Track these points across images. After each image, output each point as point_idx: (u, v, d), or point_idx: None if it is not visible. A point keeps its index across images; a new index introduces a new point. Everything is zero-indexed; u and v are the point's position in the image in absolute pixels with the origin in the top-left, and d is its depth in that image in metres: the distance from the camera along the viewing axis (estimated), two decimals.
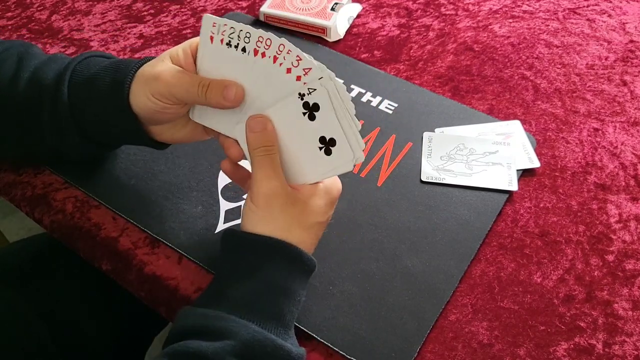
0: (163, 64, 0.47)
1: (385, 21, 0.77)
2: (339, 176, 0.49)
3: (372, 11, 0.79)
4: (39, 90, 0.51)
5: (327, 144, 0.46)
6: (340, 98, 0.44)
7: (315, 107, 0.45)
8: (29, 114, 0.52)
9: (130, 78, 0.48)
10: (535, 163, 0.60)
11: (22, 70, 0.52)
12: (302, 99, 0.45)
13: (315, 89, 0.44)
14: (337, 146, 0.45)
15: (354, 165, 0.46)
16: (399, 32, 0.76)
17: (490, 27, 0.76)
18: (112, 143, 0.55)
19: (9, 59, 0.54)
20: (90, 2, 0.81)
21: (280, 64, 0.45)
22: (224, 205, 0.56)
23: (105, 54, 0.55)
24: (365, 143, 0.62)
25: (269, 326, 0.43)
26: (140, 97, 0.47)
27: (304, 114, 0.45)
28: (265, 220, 0.45)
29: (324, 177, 0.47)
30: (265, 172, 0.45)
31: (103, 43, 0.74)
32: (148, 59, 0.50)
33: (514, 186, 0.58)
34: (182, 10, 0.80)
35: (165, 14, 0.79)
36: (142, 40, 0.75)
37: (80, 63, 0.52)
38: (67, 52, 0.73)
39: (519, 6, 0.79)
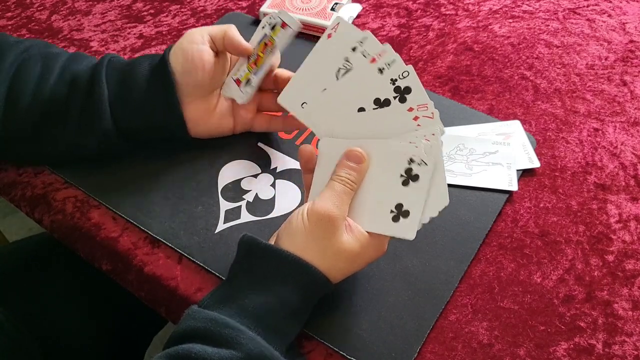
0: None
1: (385, 21, 0.77)
2: None
3: (372, 11, 0.79)
4: (72, 82, 0.54)
5: (400, 214, 0.45)
6: (440, 176, 0.44)
7: (415, 178, 0.44)
8: (57, 109, 0.53)
9: (168, 51, 0.54)
10: (535, 163, 0.60)
11: (51, 67, 0.54)
12: (409, 164, 0.44)
13: (426, 164, 0.43)
14: (408, 219, 0.44)
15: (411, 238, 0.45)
16: (399, 32, 0.76)
17: (490, 27, 0.76)
18: (142, 130, 0.56)
19: (32, 58, 0.55)
20: (90, 2, 0.81)
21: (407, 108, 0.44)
22: (224, 205, 0.56)
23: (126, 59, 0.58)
24: None
25: (275, 344, 0.42)
26: (178, 52, 0.53)
27: (401, 176, 0.45)
28: (305, 239, 0.44)
29: (377, 232, 0.46)
30: (336, 199, 0.44)
31: (103, 43, 0.75)
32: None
33: (514, 186, 0.58)
34: (182, 10, 0.80)
35: (165, 14, 0.79)
36: (142, 40, 0.75)
37: (113, 57, 0.56)
38: None
39: (519, 6, 0.79)
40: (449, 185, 0.58)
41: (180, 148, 0.60)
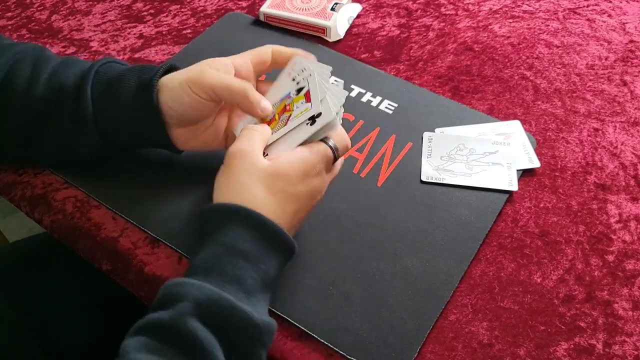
0: (202, 66, 0.50)
1: (385, 21, 0.77)
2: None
3: (372, 11, 0.79)
4: (59, 90, 0.52)
5: (315, 117, 0.47)
6: (326, 79, 0.49)
7: (303, 89, 0.49)
8: (45, 114, 0.52)
9: (158, 77, 0.50)
10: (535, 163, 0.60)
11: (40, 72, 0.53)
12: (297, 84, 0.51)
13: (309, 73, 0.50)
14: (322, 115, 0.47)
15: (335, 119, 0.47)
16: (399, 32, 0.76)
17: (490, 27, 0.76)
18: (129, 143, 0.55)
19: (23, 61, 0.54)
20: (90, 2, 0.81)
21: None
22: None
23: (121, 61, 0.56)
24: (366, 143, 0.62)
25: (227, 288, 0.41)
26: (175, 92, 0.49)
27: (297, 92, 0.50)
28: (227, 182, 0.46)
29: (302, 139, 0.47)
30: (243, 138, 0.47)
31: (103, 43, 0.74)
32: (171, 65, 0.53)
33: (514, 186, 0.58)
34: (182, 10, 0.80)
35: (165, 14, 0.79)
36: (142, 40, 0.75)
37: (102, 66, 0.53)
38: (67, 53, 0.73)
39: (519, 6, 0.79)
40: (450, 186, 0.58)
41: None
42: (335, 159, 0.49)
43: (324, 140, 0.48)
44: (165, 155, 0.60)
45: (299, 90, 0.50)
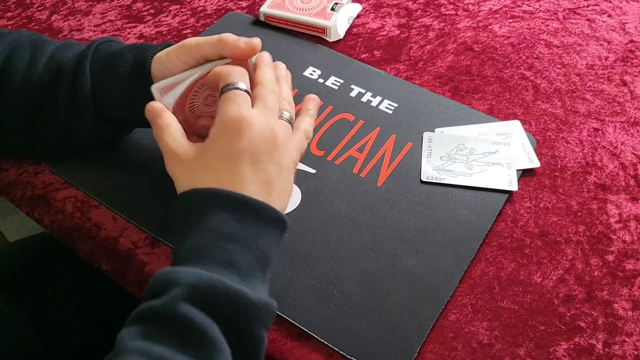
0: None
1: (385, 21, 0.77)
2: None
3: (372, 11, 0.79)
4: (58, 70, 0.53)
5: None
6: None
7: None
8: (46, 96, 0.53)
9: (153, 53, 0.51)
10: (535, 163, 0.60)
11: (39, 55, 0.54)
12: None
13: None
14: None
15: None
16: (399, 32, 0.76)
17: (490, 27, 0.76)
18: (125, 118, 0.55)
19: (22, 46, 0.54)
20: (90, 2, 0.81)
21: None
22: None
23: (120, 40, 0.57)
24: (366, 143, 0.62)
25: (219, 271, 0.40)
26: (161, 62, 0.50)
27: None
28: (182, 171, 0.46)
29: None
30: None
31: None
32: (168, 43, 0.53)
33: (514, 186, 0.58)
34: (182, 10, 0.80)
35: (165, 14, 0.79)
36: (142, 40, 0.75)
37: (101, 44, 0.54)
38: None
39: (519, 6, 0.79)
40: (450, 185, 0.58)
41: None
42: (247, 93, 0.47)
43: (226, 87, 0.46)
44: None
45: None
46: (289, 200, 0.48)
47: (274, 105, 0.48)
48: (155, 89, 0.49)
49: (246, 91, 0.46)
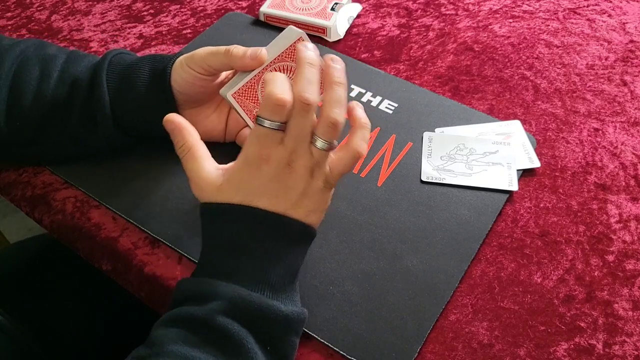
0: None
1: (385, 21, 0.77)
2: None
3: (372, 11, 0.79)
4: (72, 84, 0.54)
5: None
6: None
7: None
8: (58, 110, 0.53)
9: (170, 63, 0.52)
10: (535, 163, 0.60)
11: (49, 70, 0.54)
12: None
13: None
14: None
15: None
16: (399, 32, 0.76)
17: (490, 27, 0.76)
18: (142, 129, 0.56)
19: (29, 61, 0.55)
20: (90, 2, 0.81)
21: None
22: None
23: (130, 52, 0.58)
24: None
25: (253, 288, 0.43)
26: (177, 71, 0.52)
27: None
28: (206, 187, 0.47)
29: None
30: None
31: (103, 43, 0.74)
32: (180, 53, 0.54)
33: (514, 186, 0.58)
34: (182, 10, 0.80)
35: (165, 14, 0.79)
36: (141, 40, 0.75)
37: (115, 56, 0.55)
38: None
39: (519, 6, 0.79)
40: (450, 185, 0.58)
41: None
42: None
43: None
44: (166, 155, 0.60)
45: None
46: (324, 210, 0.48)
47: (305, 133, 0.45)
48: (223, 93, 0.49)
49: (277, 127, 0.44)
